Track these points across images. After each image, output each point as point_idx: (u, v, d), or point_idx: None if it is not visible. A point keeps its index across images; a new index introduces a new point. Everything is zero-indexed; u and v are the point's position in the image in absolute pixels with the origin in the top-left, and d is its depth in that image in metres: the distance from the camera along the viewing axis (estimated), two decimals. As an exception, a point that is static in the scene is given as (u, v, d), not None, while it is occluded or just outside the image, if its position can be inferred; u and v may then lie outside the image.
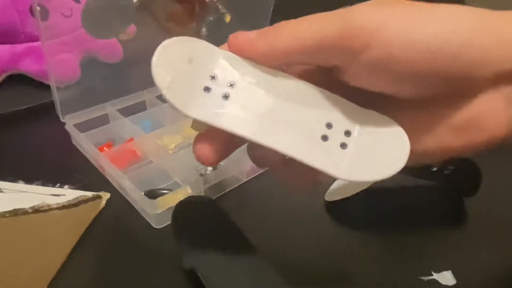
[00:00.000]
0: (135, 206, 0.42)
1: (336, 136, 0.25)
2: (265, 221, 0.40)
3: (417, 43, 0.22)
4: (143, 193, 0.41)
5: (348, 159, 0.25)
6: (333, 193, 0.42)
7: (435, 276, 0.35)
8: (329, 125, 0.25)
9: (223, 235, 0.35)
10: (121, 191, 0.43)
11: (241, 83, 0.25)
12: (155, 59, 0.23)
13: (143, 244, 0.38)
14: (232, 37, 0.25)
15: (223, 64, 0.25)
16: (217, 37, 0.68)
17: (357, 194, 0.40)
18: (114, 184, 0.44)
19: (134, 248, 0.38)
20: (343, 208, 0.41)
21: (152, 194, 0.40)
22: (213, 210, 0.37)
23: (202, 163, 0.25)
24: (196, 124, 0.26)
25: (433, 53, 0.22)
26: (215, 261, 0.32)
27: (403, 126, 0.25)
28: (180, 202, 0.37)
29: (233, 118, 0.24)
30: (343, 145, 0.25)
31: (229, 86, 0.25)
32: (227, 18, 0.59)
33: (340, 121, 0.25)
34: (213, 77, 0.25)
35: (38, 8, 0.41)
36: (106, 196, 0.43)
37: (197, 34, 0.58)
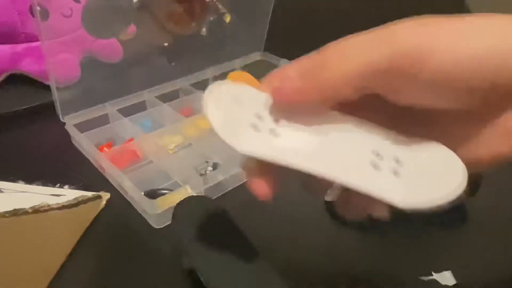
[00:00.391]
0: (135, 206, 0.42)
1: (387, 164, 0.26)
2: (265, 221, 0.40)
3: (471, 60, 0.22)
4: (143, 193, 0.41)
5: (404, 186, 0.25)
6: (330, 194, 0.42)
7: (435, 276, 0.35)
8: (378, 155, 0.26)
9: (223, 235, 0.35)
10: (121, 191, 0.43)
11: (286, 119, 0.27)
12: (207, 100, 0.25)
13: (143, 244, 0.38)
14: (275, 90, 0.26)
15: (267, 102, 0.27)
16: (217, 37, 0.68)
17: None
18: (114, 184, 0.44)
19: (134, 248, 0.38)
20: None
21: (152, 194, 0.40)
22: (213, 210, 0.37)
23: (260, 198, 0.26)
24: (248, 160, 0.27)
25: (486, 67, 0.22)
26: (215, 261, 0.32)
27: (454, 137, 0.25)
28: (180, 202, 0.37)
29: (284, 152, 0.25)
30: (396, 173, 0.25)
31: (275, 122, 0.26)
32: (227, 18, 0.59)
33: (388, 150, 0.26)
34: (259, 116, 0.27)
35: (38, 8, 0.41)
36: (106, 196, 0.43)
37: (197, 34, 0.58)
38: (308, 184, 0.27)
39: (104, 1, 0.46)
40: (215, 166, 0.46)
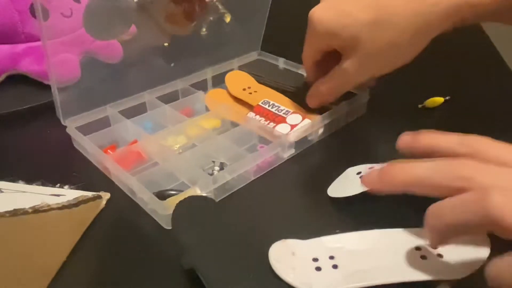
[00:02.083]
0: (144, 208, 0.41)
1: (430, 252, 0.33)
2: (270, 221, 0.40)
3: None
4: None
5: (448, 263, 0.32)
6: (333, 190, 0.43)
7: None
8: (418, 248, 0.33)
9: (223, 235, 0.35)
10: (128, 193, 0.43)
11: (338, 252, 0.33)
12: (273, 262, 0.32)
13: (143, 244, 0.38)
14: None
15: (316, 248, 0.34)
16: (217, 37, 0.68)
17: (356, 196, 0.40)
18: (120, 186, 0.44)
19: (134, 248, 0.38)
20: (348, 206, 0.41)
21: (161, 195, 0.40)
22: (213, 209, 0.37)
23: None
24: None
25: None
26: (215, 261, 0.32)
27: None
28: (180, 202, 0.37)
29: (354, 278, 0.31)
30: (439, 255, 0.32)
31: (331, 259, 0.33)
32: (227, 18, 0.59)
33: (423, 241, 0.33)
34: (315, 259, 0.33)
35: (40, 8, 0.41)
36: (106, 196, 0.43)
37: (196, 34, 0.58)
38: None
39: (105, 2, 0.46)
40: (221, 166, 0.46)
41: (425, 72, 0.67)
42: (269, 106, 0.54)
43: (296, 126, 0.50)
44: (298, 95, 0.56)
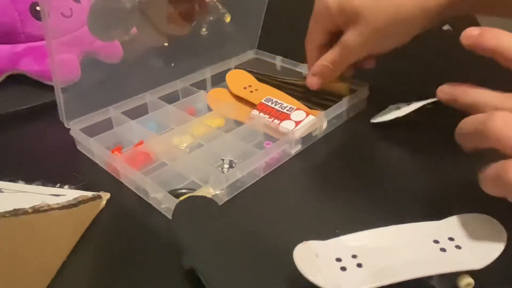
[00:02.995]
0: (158, 208, 0.42)
1: (448, 244, 0.33)
2: (281, 218, 0.41)
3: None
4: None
5: (467, 254, 0.32)
6: (376, 118, 0.52)
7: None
8: (436, 241, 0.33)
9: (224, 235, 0.35)
10: (139, 193, 0.43)
11: (360, 251, 0.33)
12: (298, 263, 0.31)
13: (143, 244, 0.38)
14: None
15: (337, 248, 0.33)
16: (216, 37, 0.69)
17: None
18: (130, 186, 0.44)
19: (134, 248, 0.38)
20: (359, 202, 0.42)
21: (173, 195, 0.40)
22: (214, 209, 0.37)
23: None
24: None
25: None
26: (215, 261, 0.32)
27: None
28: (180, 202, 0.37)
29: (377, 275, 0.31)
30: (458, 247, 0.33)
31: (354, 257, 0.33)
32: (227, 18, 0.59)
33: (441, 235, 0.34)
34: (338, 259, 0.33)
35: (45, 8, 0.40)
36: (106, 196, 0.43)
37: (195, 34, 0.58)
38: None
39: (109, 3, 0.46)
40: (231, 164, 0.47)
41: (424, 68, 0.68)
42: (272, 103, 0.54)
43: (301, 122, 0.50)
44: (299, 92, 0.56)
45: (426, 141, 0.50)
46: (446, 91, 0.40)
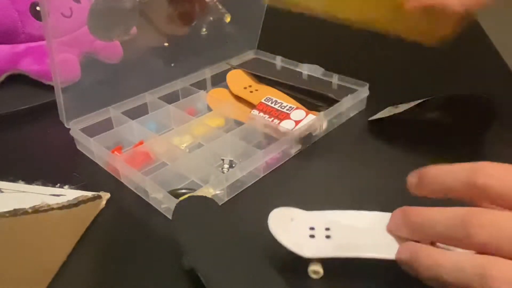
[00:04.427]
0: (158, 208, 0.42)
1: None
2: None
3: None
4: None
5: None
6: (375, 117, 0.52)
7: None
8: None
9: (224, 235, 0.35)
10: (139, 193, 0.43)
11: (335, 225, 0.35)
12: (272, 224, 0.34)
13: (143, 244, 0.38)
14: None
15: (315, 218, 0.36)
16: (217, 37, 0.69)
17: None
18: (130, 186, 0.44)
19: (134, 248, 0.38)
20: (359, 201, 0.41)
21: (173, 195, 0.40)
22: (213, 209, 0.37)
23: None
24: (313, 260, 0.34)
25: None
26: (215, 261, 0.32)
27: None
28: (180, 202, 0.37)
29: (339, 248, 0.33)
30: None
31: (327, 230, 0.35)
32: (227, 18, 0.59)
33: None
34: (312, 228, 0.35)
35: (45, 8, 0.40)
36: (106, 196, 0.43)
37: (195, 34, 0.58)
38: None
39: (110, 3, 0.46)
40: (231, 164, 0.47)
41: (424, 69, 0.68)
42: (272, 103, 0.54)
43: (301, 121, 0.50)
44: (299, 92, 0.57)
45: (427, 141, 0.50)
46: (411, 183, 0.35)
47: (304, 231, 0.35)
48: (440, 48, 0.46)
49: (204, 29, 0.59)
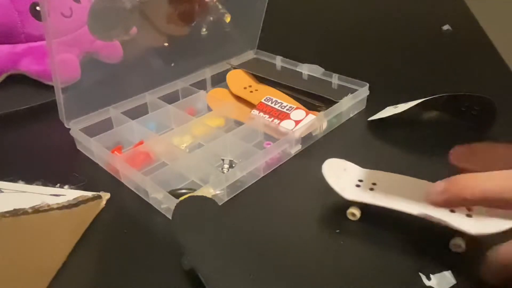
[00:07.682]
0: (158, 208, 0.42)
1: (461, 210, 0.35)
2: (277, 221, 0.41)
3: None
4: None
5: (471, 220, 0.35)
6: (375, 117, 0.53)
7: (434, 277, 0.35)
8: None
9: (224, 235, 0.35)
10: (138, 193, 0.43)
11: (382, 183, 0.39)
12: (325, 171, 0.39)
13: (143, 244, 0.38)
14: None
15: (365, 173, 0.41)
16: (217, 37, 0.69)
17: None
18: (130, 186, 0.44)
19: (134, 248, 0.38)
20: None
21: (173, 195, 0.40)
22: (214, 209, 0.37)
23: None
24: (353, 203, 0.39)
25: None
26: (215, 261, 0.32)
27: None
28: (180, 202, 0.37)
29: (378, 198, 0.37)
30: (468, 216, 0.35)
31: (373, 184, 0.39)
32: (227, 18, 0.59)
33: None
34: (360, 180, 0.40)
35: (45, 8, 0.40)
36: (106, 196, 0.43)
37: (196, 34, 0.58)
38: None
39: (110, 3, 0.46)
40: (231, 164, 0.47)
41: (424, 69, 0.68)
42: (271, 103, 0.54)
43: (301, 121, 0.50)
44: (299, 92, 0.57)
45: (427, 141, 0.50)
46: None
47: (352, 180, 0.39)
48: (440, 48, 0.46)
49: (204, 29, 0.59)
